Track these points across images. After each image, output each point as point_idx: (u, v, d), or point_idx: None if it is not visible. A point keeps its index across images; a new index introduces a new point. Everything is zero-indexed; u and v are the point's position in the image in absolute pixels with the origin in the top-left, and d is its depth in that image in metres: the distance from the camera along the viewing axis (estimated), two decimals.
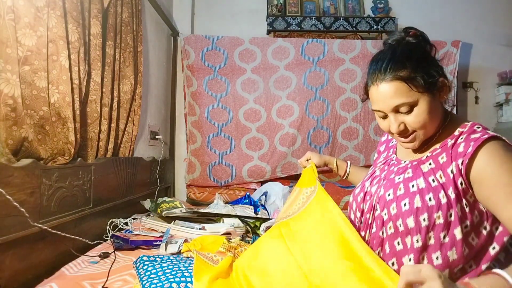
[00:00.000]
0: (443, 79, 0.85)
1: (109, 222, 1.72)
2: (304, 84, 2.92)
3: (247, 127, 2.93)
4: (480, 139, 0.79)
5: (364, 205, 0.96)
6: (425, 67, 0.82)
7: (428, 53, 0.87)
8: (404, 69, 0.81)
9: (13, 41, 1.16)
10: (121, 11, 1.91)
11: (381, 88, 0.84)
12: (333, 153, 2.94)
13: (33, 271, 1.17)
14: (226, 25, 3.20)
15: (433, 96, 0.83)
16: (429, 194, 0.80)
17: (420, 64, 0.82)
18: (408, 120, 0.84)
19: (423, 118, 0.82)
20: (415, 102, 0.82)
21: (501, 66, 3.14)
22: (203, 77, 2.92)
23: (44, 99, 1.30)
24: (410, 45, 0.86)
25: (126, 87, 1.99)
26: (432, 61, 0.86)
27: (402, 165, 0.93)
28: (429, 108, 0.82)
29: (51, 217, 1.27)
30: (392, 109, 0.84)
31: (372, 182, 0.97)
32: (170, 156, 3.01)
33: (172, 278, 1.00)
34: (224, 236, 1.32)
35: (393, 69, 0.82)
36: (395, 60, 0.83)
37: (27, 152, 1.24)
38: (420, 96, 0.81)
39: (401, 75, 0.81)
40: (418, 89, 0.81)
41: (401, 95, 0.81)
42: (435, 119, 0.85)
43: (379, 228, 0.88)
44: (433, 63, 0.86)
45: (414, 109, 0.82)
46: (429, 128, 0.85)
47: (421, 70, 0.82)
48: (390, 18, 3.10)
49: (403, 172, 0.90)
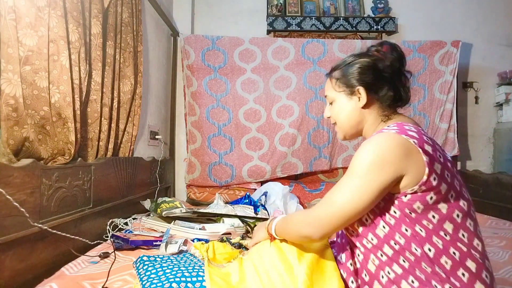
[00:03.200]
0: (361, 88, 0.96)
1: (109, 222, 1.72)
2: (304, 84, 2.92)
3: (247, 127, 2.93)
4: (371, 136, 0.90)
5: None
6: (351, 75, 0.98)
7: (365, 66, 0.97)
8: (335, 70, 1.03)
9: (14, 41, 1.16)
10: (121, 11, 1.91)
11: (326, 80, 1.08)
12: (333, 153, 2.95)
13: (33, 271, 1.17)
14: (226, 25, 3.21)
15: (347, 98, 1.00)
16: None
17: (349, 72, 0.98)
18: (331, 112, 1.06)
19: (335, 112, 1.03)
20: (334, 97, 1.03)
21: (501, 66, 3.14)
22: (203, 77, 2.92)
23: (45, 99, 1.30)
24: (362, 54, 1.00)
25: (126, 87, 1.99)
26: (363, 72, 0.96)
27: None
28: (340, 106, 1.01)
29: (51, 217, 1.27)
30: (325, 98, 1.08)
31: None
32: (170, 156, 3.01)
33: (172, 278, 1.00)
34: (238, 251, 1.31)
35: (335, 67, 1.04)
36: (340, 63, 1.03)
37: (28, 152, 1.24)
38: (337, 95, 1.02)
39: (332, 74, 1.04)
40: (337, 88, 1.01)
41: (327, 88, 1.06)
42: (346, 116, 1.01)
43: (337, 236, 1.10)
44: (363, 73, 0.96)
45: (333, 104, 1.04)
46: (340, 121, 1.03)
47: (346, 76, 0.98)
48: (390, 18, 3.11)
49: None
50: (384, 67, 0.95)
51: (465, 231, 0.83)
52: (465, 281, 0.79)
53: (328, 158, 2.93)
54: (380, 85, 0.95)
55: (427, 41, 2.93)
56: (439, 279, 0.79)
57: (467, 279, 0.79)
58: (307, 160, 2.92)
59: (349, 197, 0.83)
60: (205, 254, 1.20)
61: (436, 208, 0.82)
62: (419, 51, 2.92)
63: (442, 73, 2.93)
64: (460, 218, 0.83)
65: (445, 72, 2.93)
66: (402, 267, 0.83)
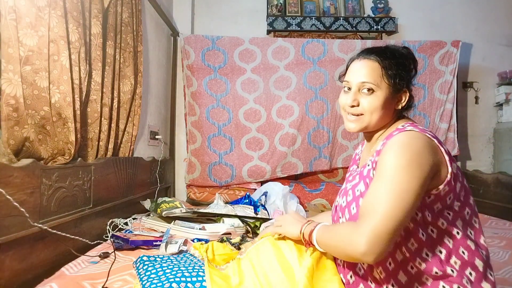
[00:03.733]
0: (406, 90, 0.92)
1: (109, 222, 1.72)
2: (304, 84, 2.92)
3: (247, 127, 2.93)
4: (390, 135, 0.85)
5: (336, 216, 1.02)
6: (401, 71, 0.90)
7: (409, 67, 0.93)
8: (385, 60, 0.90)
9: (14, 41, 1.16)
10: (121, 11, 1.91)
11: (361, 61, 0.93)
12: (333, 153, 2.95)
13: (33, 271, 1.17)
14: (226, 25, 3.21)
15: (392, 95, 0.90)
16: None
17: (399, 67, 0.90)
18: (363, 101, 0.91)
19: (376, 104, 0.89)
20: (378, 86, 0.89)
21: (501, 66, 3.14)
22: (203, 77, 2.91)
23: (45, 99, 1.30)
24: (402, 53, 0.94)
25: (126, 87, 1.99)
26: (408, 73, 0.92)
27: (355, 173, 1.00)
28: (384, 100, 0.89)
29: (51, 217, 1.27)
30: (359, 83, 0.91)
31: (340, 193, 1.03)
32: (170, 156, 3.01)
33: (172, 278, 1.00)
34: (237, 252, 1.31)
35: (377, 54, 0.91)
36: (382, 51, 0.93)
37: (28, 152, 1.24)
38: (384, 86, 0.89)
39: (381, 60, 0.90)
40: (386, 79, 0.89)
41: (372, 74, 0.90)
42: (383, 113, 0.90)
43: None
44: (408, 75, 0.92)
45: (374, 93, 0.89)
46: (374, 116, 0.90)
47: (396, 69, 0.90)
48: (390, 18, 3.11)
49: (353, 179, 0.97)
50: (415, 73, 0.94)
51: (472, 229, 0.83)
52: (473, 280, 0.79)
53: (328, 158, 2.93)
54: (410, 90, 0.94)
55: (427, 41, 2.93)
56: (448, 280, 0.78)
57: (474, 278, 0.79)
58: (307, 160, 2.92)
59: (395, 203, 0.74)
60: (205, 255, 1.20)
61: (451, 207, 0.81)
62: (419, 51, 2.92)
63: (442, 73, 2.93)
64: (469, 216, 0.83)
65: (445, 72, 2.93)
66: (408, 274, 0.81)
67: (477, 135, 3.23)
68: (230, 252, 1.28)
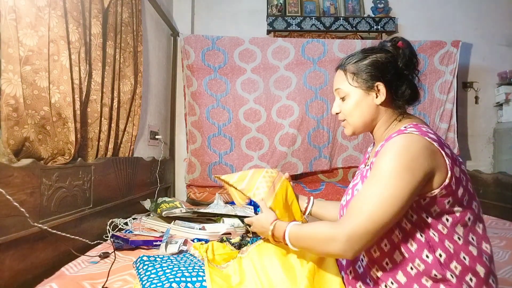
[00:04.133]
0: (380, 84, 0.91)
1: (109, 222, 1.72)
2: (304, 84, 2.92)
3: (247, 127, 2.93)
4: (389, 137, 0.84)
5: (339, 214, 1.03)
6: (368, 69, 0.92)
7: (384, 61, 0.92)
8: (350, 64, 0.95)
9: (14, 41, 1.16)
10: (121, 11, 1.91)
11: (336, 73, 1.01)
12: (333, 153, 2.95)
13: (33, 271, 1.17)
14: (226, 25, 3.21)
15: (363, 95, 0.93)
16: None
17: (366, 66, 0.92)
18: (341, 107, 0.98)
19: (349, 108, 0.95)
20: (348, 91, 0.95)
21: (501, 66, 3.14)
22: (203, 77, 2.92)
23: (45, 99, 1.30)
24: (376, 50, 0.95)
25: (126, 87, 1.99)
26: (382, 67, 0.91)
27: (358, 172, 1.02)
28: (356, 102, 0.93)
29: (51, 217, 1.27)
30: (335, 91, 0.99)
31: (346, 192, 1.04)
32: (170, 156, 3.01)
33: (172, 278, 1.00)
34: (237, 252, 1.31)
35: (345, 62, 0.97)
36: (353, 55, 0.97)
37: (28, 152, 1.24)
38: (352, 89, 0.94)
39: (345, 68, 0.96)
40: (352, 83, 0.94)
41: (339, 82, 0.97)
42: (360, 113, 0.94)
43: None
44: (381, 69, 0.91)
45: (346, 99, 0.96)
46: (353, 118, 0.95)
47: (362, 70, 0.92)
48: (390, 18, 3.11)
49: (356, 178, 0.99)
50: (403, 64, 0.92)
51: (474, 234, 0.82)
52: (473, 286, 0.78)
53: (328, 158, 2.93)
54: (400, 82, 0.91)
55: (427, 41, 2.93)
56: (448, 285, 0.78)
57: (474, 284, 0.78)
58: (307, 160, 2.92)
59: (380, 206, 0.75)
60: (204, 255, 1.20)
61: (451, 212, 0.81)
62: (419, 51, 2.92)
63: (442, 73, 2.93)
64: (471, 222, 0.82)
65: (445, 72, 2.93)
66: (408, 275, 0.81)
67: (477, 135, 3.23)
68: (230, 252, 1.28)
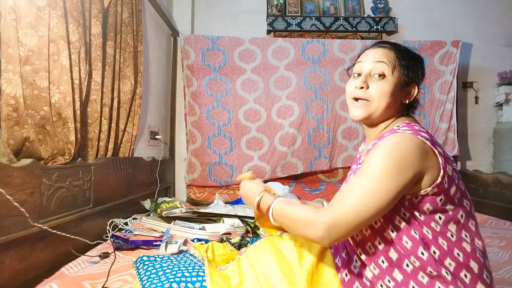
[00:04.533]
0: (415, 85, 0.92)
1: (109, 222, 1.72)
2: (304, 84, 2.92)
3: (247, 127, 2.93)
4: (382, 136, 0.84)
5: None
6: (412, 67, 0.91)
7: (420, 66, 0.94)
8: (400, 52, 0.91)
9: (14, 41, 1.16)
10: (121, 11, 1.91)
11: (376, 49, 0.93)
12: (333, 153, 2.95)
13: (33, 271, 1.17)
14: (226, 25, 3.20)
15: (402, 86, 0.90)
16: None
17: (411, 61, 0.91)
18: (373, 86, 0.89)
19: (386, 89, 0.88)
20: (391, 71, 0.88)
21: (501, 66, 3.14)
22: (203, 77, 2.92)
23: (45, 99, 1.30)
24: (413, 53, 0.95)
25: (126, 87, 1.99)
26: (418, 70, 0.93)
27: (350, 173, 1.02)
28: (393, 88, 0.88)
29: (51, 217, 1.27)
30: (373, 64, 0.90)
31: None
32: (170, 156, 3.01)
33: (172, 278, 1.00)
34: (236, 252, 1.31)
35: (392, 45, 0.93)
36: (398, 45, 0.94)
37: (28, 152, 1.24)
38: (396, 74, 0.89)
39: (396, 50, 0.91)
40: (399, 68, 0.89)
41: (387, 58, 0.89)
42: (390, 102, 0.89)
43: None
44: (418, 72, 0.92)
45: (385, 78, 0.88)
46: (382, 103, 0.89)
47: (409, 61, 0.90)
48: (390, 18, 3.11)
49: (349, 177, 0.99)
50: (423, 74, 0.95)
51: (467, 231, 0.83)
52: (467, 282, 0.79)
53: (328, 158, 2.93)
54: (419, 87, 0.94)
55: (427, 41, 2.93)
56: (444, 281, 0.78)
57: (469, 280, 0.79)
58: (307, 160, 2.92)
59: (364, 200, 0.76)
60: (205, 255, 1.20)
61: (443, 210, 0.81)
62: (419, 51, 2.91)
63: (442, 73, 2.93)
64: (463, 219, 0.83)
65: (445, 72, 2.93)
66: (404, 272, 0.82)
67: (477, 135, 3.23)
68: (230, 252, 1.28)
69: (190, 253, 1.34)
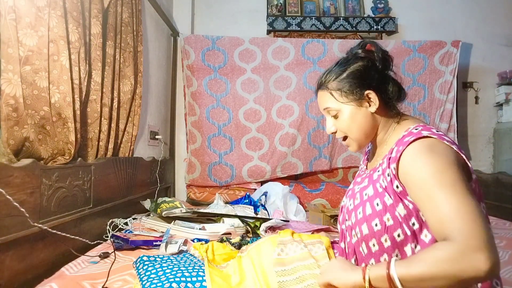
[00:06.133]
0: (371, 92, 0.90)
1: (109, 222, 1.72)
2: (304, 84, 2.92)
3: (247, 127, 2.93)
4: (406, 142, 0.81)
5: (340, 217, 1.01)
6: (352, 81, 0.91)
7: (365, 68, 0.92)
8: (332, 82, 0.93)
9: (14, 41, 1.16)
10: (121, 11, 1.91)
11: (318, 94, 0.99)
12: (333, 153, 2.95)
13: (33, 271, 1.17)
14: (226, 25, 3.20)
15: (356, 107, 0.91)
16: (376, 200, 0.84)
17: (348, 78, 0.91)
18: (337, 125, 0.95)
19: (346, 124, 0.93)
20: (338, 108, 0.93)
21: (501, 66, 3.14)
22: (203, 77, 2.92)
23: (45, 99, 1.30)
24: (351, 60, 0.94)
25: (126, 87, 1.99)
26: (366, 75, 0.91)
27: (364, 175, 0.98)
28: (352, 117, 0.92)
29: (51, 217, 1.27)
30: (324, 111, 0.97)
31: (347, 194, 1.02)
32: (170, 156, 3.01)
33: (172, 278, 1.00)
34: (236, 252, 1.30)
35: (325, 81, 0.95)
36: (329, 71, 0.96)
37: (28, 152, 1.24)
38: (342, 106, 0.92)
39: (328, 86, 0.94)
40: (340, 99, 0.92)
41: (327, 102, 0.95)
42: (359, 125, 0.92)
43: (351, 237, 0.93)
44: (366, 77, 0.91)
45: (339, 116, 0.94)
46: (355, 134, 0.93)
47: (347, 83, 0.91)
48: (390, 18, 3.11)
49: (362, 182, 0.95)
50: (381, 65, 0.92)
51: None
52: None
53: (328, 158, 2.93)
54: (385, 83, 0.92)
55: (427, 41, 2.93)
56: None
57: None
58: (307, 160, 2.92)
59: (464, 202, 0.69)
60: (204, 255, 1.20)
61: None
62: (419, 51, 2.92)
63: (442, 73, 2.93)
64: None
65: (445, 72, 2.93)
66: None
67: (477, 135, 3.23)
68: (230, 252, 1.28)
69: (190, 253, 1.34)
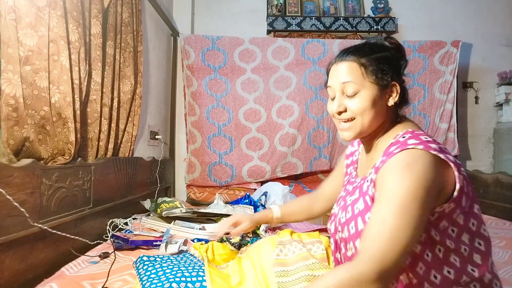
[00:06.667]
0: (395, 83, 0.85)
1: (109, 222, 1.72)
2: (304, 84, 2.92)
3: (247, 127, 2.93)
4: (391, 153, 0.76)
5: (331, 226, 0.95)
6: (383, 65, 0.84)
7: (393, 58, 0.87)
8: (363, 57, 0.85)
9: (14, 41, 1.16)
10: (121, 11, 1.91)
11: (339, 65, 0.88)
12: (333, 153, 2.95)
13: (33, 271, 1.17)
14: (226, 25, 3.21)
15: (380, 92, 0.84)
16: (367, 214, 0.79)
17: (380, 61, 0.85)
18: (350, 104, 0.85)
19: (363, 104, 0.83)
20: (361, 86, 0.83)
21: (501, 66, 3.14)
22: (203, 77, 2.92)
23: (45, 99, 1.30)
24: (380, 46, 0.89)
25: (126, 87, 1.99)
26: (394, 65, 0.87)
27: (355, 184, 0.92)
28: (372, 99, 0.83)
29: (51, 217, 1.27)
30: (341, 85, 0.86)
31: (338, 202, 0.96)
32: (170, 156, 3.01)
33: (172, 278, 1.00)
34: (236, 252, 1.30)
35: (354, 54, 0.86)
36: (359, 48, 0.87)
37: (28, 152, 1.24)
38: (367, 84, 0.83)
39: (358, 59, 0.85)
40: (367, 77, 0.84)
41: (352, 74, 0.84)
42: (375, 113, 0.84)
43: (346, 249, 0.88)
44: (394, 67, 0.86)
45: (358, 94, 0.84)
46: (366, 118, 0.84)
47: (377, 64, 0.84)
48: (390, 18, 3.11)
49: (353, 193, 0.90)
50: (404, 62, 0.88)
51: (481, 239, 0.78)
52: None
53: (328, 158, 2.93)
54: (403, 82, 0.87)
55: (427, 41, 2.93)
56: None
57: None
58: (307, 160, 2.92)
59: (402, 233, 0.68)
60: (204, 255, 1.20)
61: (455, 222, 0.76)
62: (419, 51, 2.92)
63: (442, 73, 2.94)
64: (475, 227, 0.78)
65: (445, 72, 2.93)
66: None
67: (477, 135, 3.23)
68: (230, 252, 1.28)
69: (190, 253, 1.34)
